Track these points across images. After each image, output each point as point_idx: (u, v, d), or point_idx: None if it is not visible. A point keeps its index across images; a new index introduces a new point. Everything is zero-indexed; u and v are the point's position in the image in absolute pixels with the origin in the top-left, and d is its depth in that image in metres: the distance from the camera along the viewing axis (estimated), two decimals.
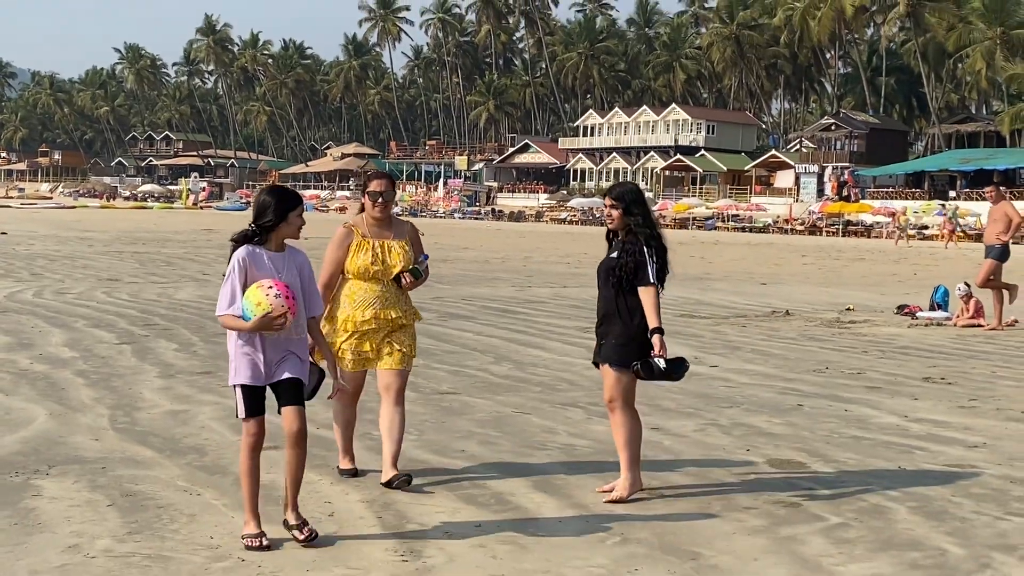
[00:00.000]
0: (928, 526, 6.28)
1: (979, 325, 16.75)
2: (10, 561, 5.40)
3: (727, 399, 10.29)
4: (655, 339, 6.45)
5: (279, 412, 5.77)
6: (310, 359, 6.11)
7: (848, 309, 19.45)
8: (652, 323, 6.49)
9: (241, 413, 5.79)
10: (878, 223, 68.91)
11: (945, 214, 63.41)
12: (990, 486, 7.22)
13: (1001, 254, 17.01)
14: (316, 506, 6.38)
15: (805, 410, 9.83)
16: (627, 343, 6.57)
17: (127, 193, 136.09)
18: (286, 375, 5.76)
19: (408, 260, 6.88)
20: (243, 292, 5.64)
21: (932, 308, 18.41)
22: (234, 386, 5.81)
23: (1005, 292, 17.02)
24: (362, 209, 7.02)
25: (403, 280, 6.83)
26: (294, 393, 5.76)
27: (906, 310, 18.49)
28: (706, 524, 6.20)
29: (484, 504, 6.56)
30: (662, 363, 6.43)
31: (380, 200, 6.90)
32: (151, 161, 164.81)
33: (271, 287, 5.57)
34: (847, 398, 10.46)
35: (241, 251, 5.75)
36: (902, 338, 15.52)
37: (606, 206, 6.77)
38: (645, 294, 6.52)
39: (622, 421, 6.64)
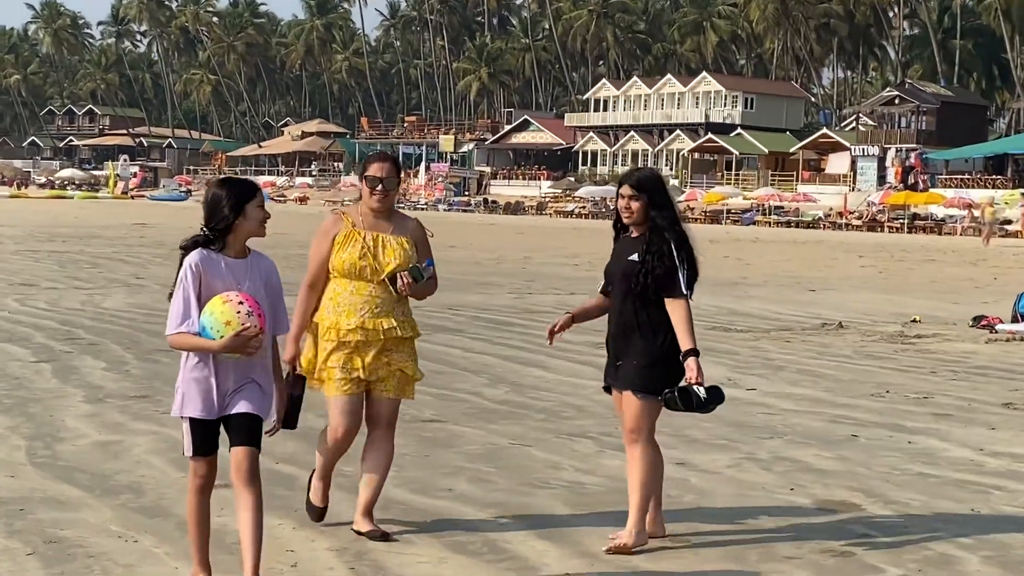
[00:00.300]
0: None
1: None
2: None
3: (767, 428, 10.40)
4: (690, 363, 6.42)
5: (229, 450, 5.72)
6: (297, 370, 6.26)
7: (914, 321, 19.60)
8: (685, 344, 6.46)
9: (188, 450, 5.75)
10: (951, 217, 69.15)
11: None
12: None
13: None
14: (277, 555, 6.49)
15: (861, 442, 9.96)
16: (652, 365, 6.57)
17: (42, 179, 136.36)
18: (242, 408, 5.71)
19: (406, 259, 6.76)
20: (199, 305, 5.59)
21: (1015, 320, 18.57)
22: (181, 418, 5.76)
23: None
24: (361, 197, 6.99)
25: (399, 281, 6.69)
26: (248, 431, 5.71)
27: (983, 322, 18.65)
28: None
29: (475, 553, 6.67)
30: (702, 392, 6.39)
31: (380, 187, 6.81)
32: (71, 141, 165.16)
33: (241, 302, 5.53)
34: (911, 428, 10.59)
35: (194, 255, 5.69)
36: (978, 356, 15.67)
37: (622, 197, 6.71)
38: (675, 308, 6.51)
39: (642, 456, 6.66)
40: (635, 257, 6.58)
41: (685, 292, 6.54)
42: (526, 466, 8.84)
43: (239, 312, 5.50)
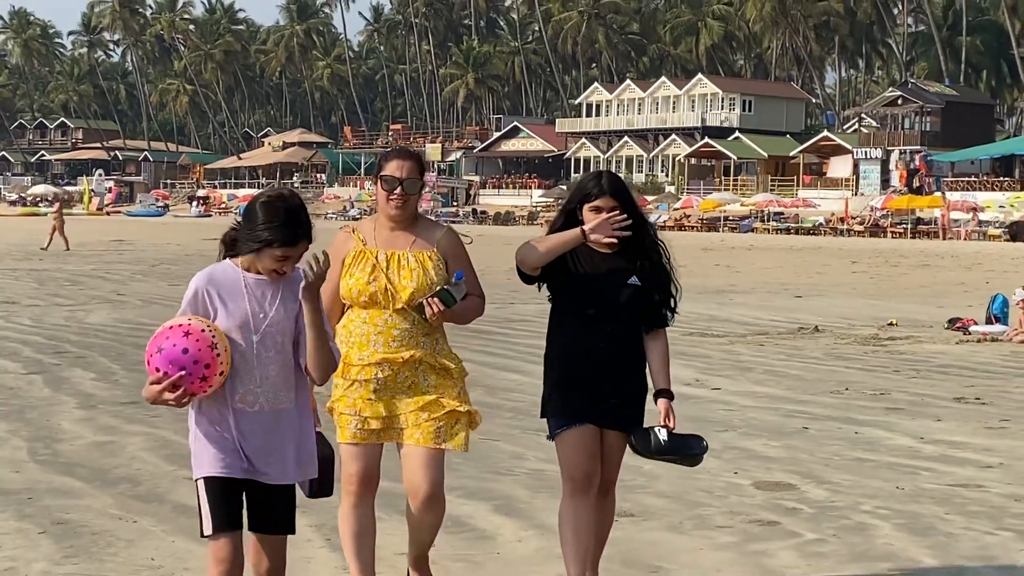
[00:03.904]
0: (909, 541, 7.58)
1: None
2: None
3: (724, 423, 11.57)
4: (663, 403, 6.03)
5: (250, 529, 5.09)
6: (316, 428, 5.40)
7: (890, 324, 20.77)
8: (662, 381, 6.10)
9: (207, 527, 4.90)
10: (956, 221, 70.36)
11: None
12: (990, 504, 8.52)
13: None
14: None
15: (810, 433, 11.14)
16: (643, 403, 6.21)
17: (14, 196, 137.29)
18: (272, 478, 5.01)
19: (425, 281, 5.93)
20: None
21: (989, 321, 19.74)
22: (196, 481, 4.99)
23: None
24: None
25: (427, 308, 5.87)
26: (280, 512, 5.05)
27: (958, 324, 19.82)
28: (673, 540, 7.49)
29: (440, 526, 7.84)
30: (664, 435, 5.98)
31: (399, 190, 5.99)
32: (43, 156, 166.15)
33: (158, 333, 4.91)
34: (861, 420, 11.77)
35: (201, 276, 5.05)
36: (945, 356, 16.88)
37: (604, 209, 6.04)
38: (661, 338, 6.19)
39: (613, 505, 6.44)
40: (634, 281, 6.09)
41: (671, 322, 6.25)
42: (492, 457, 10.00)
43: (158, 349, 4.84)
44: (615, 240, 6.00)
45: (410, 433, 5.93)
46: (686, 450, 6.06)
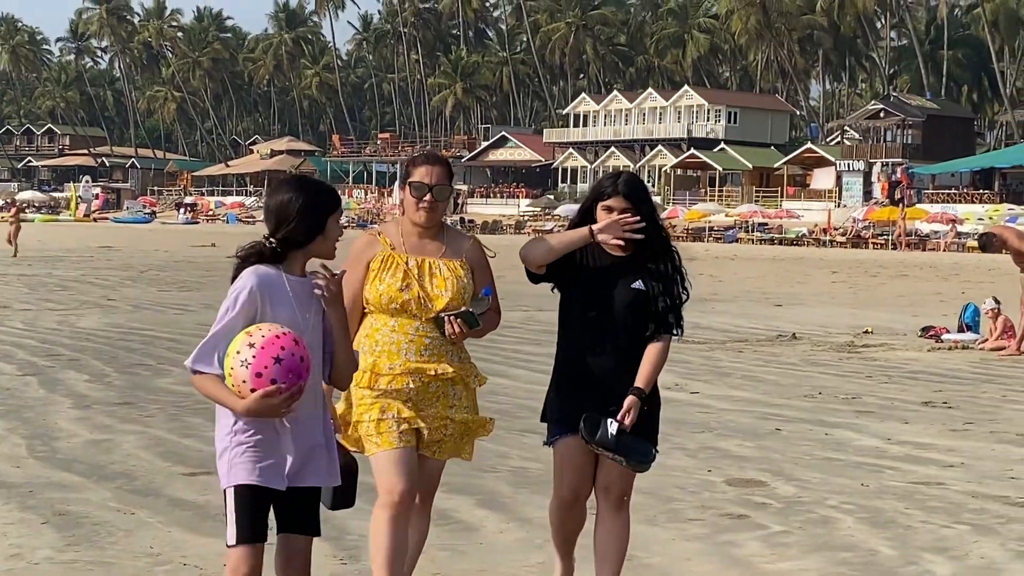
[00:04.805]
0: (870, 532, 7.97)
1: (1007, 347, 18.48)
2: None
3: (701, 424, 11.95)
4: (628, 400, 5.79)
5: (278, 533, 5.07)
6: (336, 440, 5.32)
7: (866, 332, 21.19)
8: (641, 380, 5.87)
9: (232, 536, 4.86)
10: (935, 232, 70.90)
11: None
12: (949, 500, 8.92)
13: None
14: None
15: (782, 434, 11.53)
16: (655, 414, 6.09)
17: (0, 202, 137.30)
18: (311, 481, 5.00)
19: (460, 291, 5.76)
20: (222, 342, 4.84)
21: (961, 329, 20.16)
22: (226, 489, 4.90)
23: None
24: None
25: (448, 327, 5.69)
26: (311, 512, 5.06)
27: (931, 332, 20.25)
28: (647, 532, 7.84)
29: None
30: (614, 428, 5.73)
31: (429, 197, 5.79)
32: (30, 162, 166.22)
33: (267, 343, 4.73)
34: (832, 423, 12.17)
35: (251, 275, 4.90)
36: (917, 363, 17.30)
37: (616, 209, 5.88)
38: (663, 346, 5.96)
39: (627, 521, 6.19)
40: (639, 285, 5.91)
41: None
42: (478, 455, 10.20)
43: (242, 361, 4.72)
44: (622, 242, 5.80)
45: (430, 444, 5.78)
46: (629, 452, 5.80)
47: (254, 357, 4.65)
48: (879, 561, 7.36)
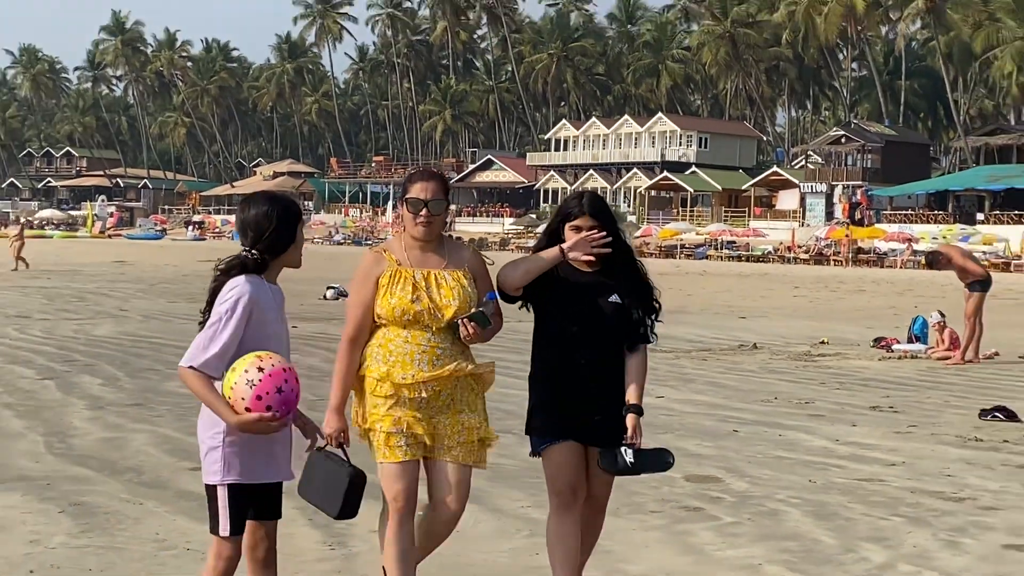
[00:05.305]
0: (813, 524, 8.17)
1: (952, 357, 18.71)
2: None
3: (664, 426, 12.14)
4: (630, 420, 5.79)
5: (252, 518, 5.21)
6: (347, 452, 5.52)
7: (822, 342, 21.40)
8: (634, 397, 5.85)
9: (224, 528, 5.04)
10: (893, 250, 71.20)
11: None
12: (888, 495, 9.12)
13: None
14: None
15: (739, 435, 11.72)
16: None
17: (22, 219, 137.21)
18: (287, 476, 5.28)
19: (466, 299, 5.71)
20: (231, 345, 4.98)
21: (910, 340, 20.39)
22: (213, 487, 5.06)
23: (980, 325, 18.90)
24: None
25: (462, 329, 5.67)
26: (279, 502, 5.26)
27: (883, 343, 20.48)
28: (609, 522, 7.90)
29: None
30: (630, 456, 5.77)
31: (424, 212, 5.72)
32: (50, 182, 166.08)
33: (275, 373, 4.90)
34: (786, 425, 12.36)
35: (245, 283, 5.02)
36: (868, 370, 17.50)
37: (584, 228, 5.89)
38: (643, 356, 5.95)
39: (601, 525, 6.25)
40: (615, 299, 5.89)
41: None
42: None
43: (278, 391, 4.89)
44: (593, 258, 5.81)
45: (448, 449, 5.70)
46: (652, 468, 5.90)
47: (260, 381, 4.79)
48: (820, 549, 7.56)
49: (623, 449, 5.71)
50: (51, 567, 6.93)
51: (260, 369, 4.81)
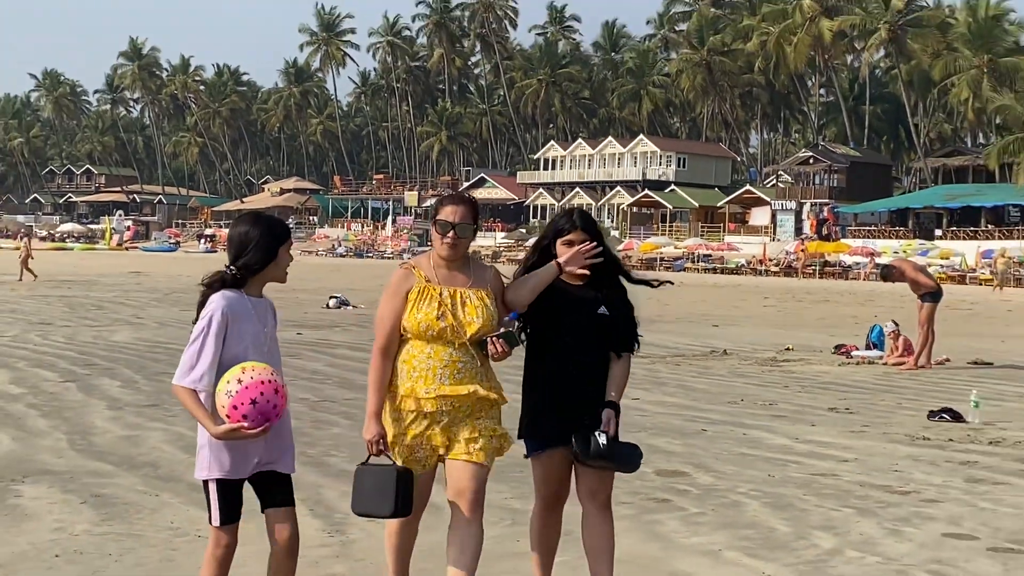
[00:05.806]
0: (770, 514, 8.38)
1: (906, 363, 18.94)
2: (11, 536, 7.44)
3: (637, 425, 12.32)
4: (606, 413, 5.85)
5: (263, 512, 5.39)
6: (389, 455, 5.53)
7: (787, 349, 21.62)
8: (613, 395, 5.93)
9: (216, 518, 5.20)
10: (857, 264, 71.49)
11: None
12: (840, 488, 9.33)
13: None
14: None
15: (707, 434, 11.93)
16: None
17: (44, 233, 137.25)
18: (280, 467, 5.33)
19: (489, 317, 5.65)
20: (215, 358, 5.11)
21: (868, 347, 20.62)
22: (205, 482, 5.23)
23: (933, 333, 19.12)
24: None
25: (491, 347, 5.63)
26: (288, 489, 5.34)
27: (842, 350, 20.71)
28: (579, 511, 8.22)
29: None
30: (603, 439, 5.77)
31: (452, 234, 5.65)
32: (70, 198, 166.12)
33: (251, 385, 5.00)
34: (750, 424, 12.58)
35: (220, 299, 5.16)
36: (828, 375, 17.72)
37: (576, 242, 5.90)
38: (626, 362, 6.01)
39: (611, 519, 6.13)
40: (603, 311, 5.90)
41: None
42: None
43: (252, 403, 4.99)
44: (587, 272, 5.84)
45: (460, 449, 5.64)
46: (622, 458, 5.88)
47: (236, 393, 4.93)
48: (775, 536, 7.77)
49: (597, 434, 5.73)
50: (75, 552, 7.13)
51: (239, 381, 4.95)
